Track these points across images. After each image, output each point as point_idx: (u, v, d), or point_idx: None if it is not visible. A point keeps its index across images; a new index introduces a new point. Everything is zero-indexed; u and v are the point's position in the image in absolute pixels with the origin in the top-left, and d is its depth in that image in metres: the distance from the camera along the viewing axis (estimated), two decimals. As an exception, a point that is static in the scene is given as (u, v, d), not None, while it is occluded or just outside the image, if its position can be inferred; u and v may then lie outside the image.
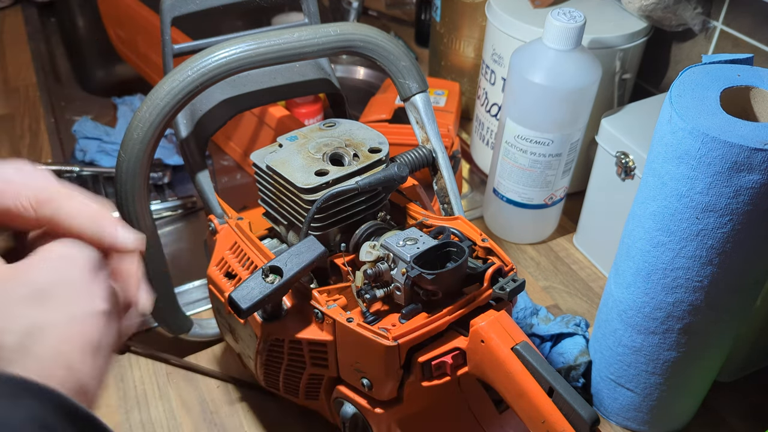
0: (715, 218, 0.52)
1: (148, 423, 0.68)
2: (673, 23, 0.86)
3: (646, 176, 0.57)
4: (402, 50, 0.63)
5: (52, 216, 0.38)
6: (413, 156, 0.62)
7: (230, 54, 0.57)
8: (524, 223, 0.90)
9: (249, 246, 0.57)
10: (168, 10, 0.63)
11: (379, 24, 1.41)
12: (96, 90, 1.26)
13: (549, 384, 0.46)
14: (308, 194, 0.54)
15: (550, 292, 0.85)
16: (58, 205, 0.38)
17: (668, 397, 0.65)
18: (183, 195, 0.97)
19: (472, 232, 0.56)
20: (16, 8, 1.42)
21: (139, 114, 0.56)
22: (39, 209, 0.38)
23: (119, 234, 0.39)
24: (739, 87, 0.54)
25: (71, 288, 0.36)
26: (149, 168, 0.58)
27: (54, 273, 0.36)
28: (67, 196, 0.38)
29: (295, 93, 0.70)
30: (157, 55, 0.96)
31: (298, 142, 0.58)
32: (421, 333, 0.48)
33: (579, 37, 0.75)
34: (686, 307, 0.58)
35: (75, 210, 0.38)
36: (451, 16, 1.06)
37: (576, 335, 0.72)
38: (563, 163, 0.83)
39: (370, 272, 0.51)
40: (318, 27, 0.60)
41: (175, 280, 0.68)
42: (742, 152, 0.48)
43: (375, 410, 0.52)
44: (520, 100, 0.79)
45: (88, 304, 0.36)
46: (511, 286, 0.51)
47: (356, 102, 1.21)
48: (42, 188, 0.38)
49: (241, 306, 0.47)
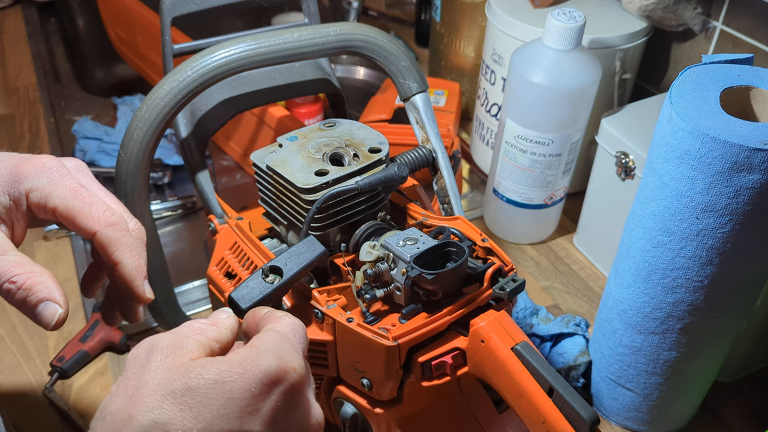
0: (715, 218, 0.52)
1: (148, 423, 0.68)
2: (673, 23, 0.86)
3: (646, 176, 0.57)
4: (402, 50, 0.63)
5: (111, 242, 0.43)
6: (413, 156, 0.62)
7: (230, 54, 0.57)
8: (524, 223, 0.90)
9: (249, 246, 0.57)
10: (168, 10, 0.62)
11: (379, 24, 1.41)
12: (96, 90, 1.26)
13: (549, 384, 0.46)
14: (308, 194, 0.54)
15: (550, 292, 0.85)
16: (121, 233, 0.43)
17: (668, 397, 0.65)
18: (183, 195, 0.97)
19: (472, 232, 0.56)
20: (16, 8, 1.42)
21: (139, 114, 0.56)
22: (106, 226, 0.43)
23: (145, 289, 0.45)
24: (739, 87, 0.54)
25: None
26: (149, 168, 0.58)
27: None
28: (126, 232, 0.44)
29: (295, 93, 0.70)
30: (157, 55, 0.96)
31: (298, 142, 0.58)
32: (421, 333, 0.48)
33: (579, 37, 0.75)
34: (686, 307, 0.58)
35: (128, 250, 0.44)
36: (451, 16, 1.06)
37: (576, 335, 0.72)
38: (563, 163, 0.83)
39: (370, 272, 0.51)
40: (318, 27, 0.60)
41: (175, 280, 0.68)
42: (742, 152, 0.48)
43: (375, 410, 0.52)
44: (520, 100, 0.79)
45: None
46: (511, 286, 0.51)
47: (356, 102, 1.21)
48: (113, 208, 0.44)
49: (241, 306, 0.47)
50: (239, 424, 0.34)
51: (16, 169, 0.43)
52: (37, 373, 0.72)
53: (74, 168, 0.45)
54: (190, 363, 0.35)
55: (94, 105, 1.18)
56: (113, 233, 0.43)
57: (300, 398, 0.38)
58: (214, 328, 0.39)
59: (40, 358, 0.74)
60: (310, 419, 0.38)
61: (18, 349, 0.75)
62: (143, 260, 0.45)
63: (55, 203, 0.42)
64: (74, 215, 0.42)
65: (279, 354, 0.37)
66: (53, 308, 0.41)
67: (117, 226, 0.43)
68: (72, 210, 0.42)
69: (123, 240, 0.43)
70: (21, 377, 0.72)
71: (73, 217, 0.42)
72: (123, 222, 0.44)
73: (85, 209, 0.42)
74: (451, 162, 0.64)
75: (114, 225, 0.43)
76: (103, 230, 0.43)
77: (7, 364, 0.74)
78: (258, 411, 0.35)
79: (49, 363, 0.73)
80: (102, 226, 0.43)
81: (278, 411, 0.36)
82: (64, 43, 1.36)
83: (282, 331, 0.40)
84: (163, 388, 0.34)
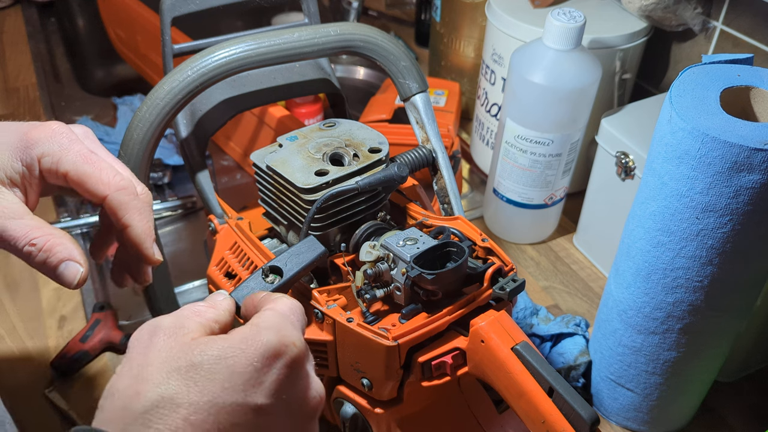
0: (715, 218, 0.52)
1: (148, 423, 0.68)
2: (673, 23, 0.86)
3: (646, 176, 0.57)
4: (402, 50, 0.63)
5: (121, 205, 0.44)
6: (413, 156, 0.62)
7: (230, 54, 0.57)
8: (524, 223, 0.90)
9: (249, 246, 0.57)
10: (168, 10, 0.62)
11: (379, 24, 1.41)
12: (96, 90, 1.26)
13: (549, 384, 0.46)
14: (308, 194, 0.54)
15: (550, 292, 0.85)
16: (130, 196, 0.44)
17: (668, 397, 0.65)
18: (183, 195, 0.97)
19: (472, 232, 0.56)
20: (16, 8, 1.42)
21: (139, 114, 0.56)
22: (114, 195, 0.44)
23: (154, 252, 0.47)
24: (739, 87, 0.54)
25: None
26: (149, 168, 0.58)
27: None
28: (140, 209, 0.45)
29: (295, 93, 0.70)
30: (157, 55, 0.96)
31: (298, 142, 0.58)
32: (421, 333, 0.48)
33: (579, 37, 0.75)
34: (686, 307, 0.58)
35: (137, 213, 0.45)
36: (451, 16, 1.06)
37: (576, 335, 0.72)
38: (563, 163, 0.83)
39: (370, 272, 0.51)
40: (318, 27, 0.60)
41: (175, 280, 0.68)
42: (742, 152, 0.48)
43: (375, 410, 0.52)
44: (520, 100, 0.79)
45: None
46: (511, 286, 0.51)
47: (356, 102, 1.21)
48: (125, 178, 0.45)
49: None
50: (243, 397, 0.35)
51: (27, 136, 0.43)
52: (37, 373, 0.72)
53: (82, 134, 0.46)
54: (192, 342, 0.36)
55: (94, 105, 1.18)
56: (123, 197, 0.44)
57: (300, 372, 0.39)
58: (213, 310, 0.40)
59: (40, 358, 0.74)
60: (310, 392, 0.39)
61: (18, 349, 0.75)
62: (151, 223, 0.46)
63: (66, 168, 0.43)
64: (85, 180, 0.43)
65: (279, 330, 0.38)
66: (75, 267, 0.42)
67: (126, 190, 0.44)
68: (83, 175, 0.43)
69: (132, 203, 0.44)
70: (21, 377, 0.72)
71: (83, 181, 0.43)
72: (132, 186, 0.45)
73: (96, 174, 0.43)
74: (451, 162, 0.64)
75: (123, 189, 0.44)
76: (113, 194, 0.44)
77: (7, 364, 0.74)
78: (261, 384, 0.36)
79: (49, 363, 0.73)
80: (112, 190, 0.44)
81: (281, 383, 0.37)
82: (64, 43, 1.36)
83: (281, 309, 0.41)
84: (168, 366, 0.35)
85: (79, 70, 1.31)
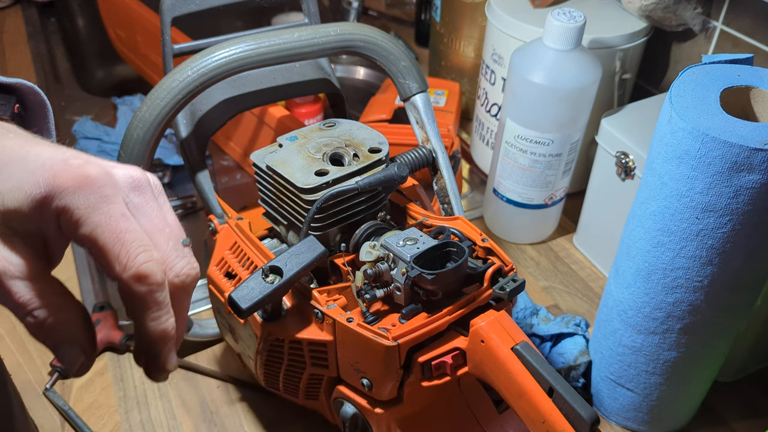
0: (715, 218, 0.52)
1: (148, 423, 0.68)
2: (673, 23, 0.86)
3: (646, 176, 0.57)
4: (402, 50, 0.63)
5: (133, 299, 0.35)
6: (413, 156, 0.62)
7: (230, 54, 0.57)
8: (524, 223, 0.90)
9: (249, 246, 0.57)
10: (168, 10, 0.63)
11: (379, 24, 1.41)
12: (96, 90, 1.26)
13: (549, 384, 0.46)
14: (308, 194, 0.54)
15: (550, 292, 0.85)
16: (149, 287, 0.35)
17: (668, 397, 0.65)
18: (183, 195, 0.97)
19: (472, 232, 0.56)
20: (16, 8, 1.42)
21: (139, 114, 0.56)
22: None
23: None
24: (739, 87, 0.54)
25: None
26: (149, 168, 0.58)
27: None
28: None
29: (295, 93, 0.70)
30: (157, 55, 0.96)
31: (298, 142, 0.58)
32: (421, 333, 0.48)
33: (579, 37, 0.75)
34: (686, 307, 0.58)
35: (154, 311, 0.36)
36: (451, 16, 1.06)
37: (576, 335, 0.72)
38: (563, 163, 0.83)
39: (370, 272, 0.51)
40: (318, 27, 0.60)
41: (175, 280, 0.68)
42: (742, 152, 0.48)
43: (375, 410, 0.52)
44: (520, 100, 0.79)
45: None
46: (511, 286, 0.51)
47: (356, 102, 1.21)
48: None
49: (241, 306, 0.47)
50: None
51: (54, 180, 0.34)
52: (37, 373, 0.72)
53: (128, 185, 0.36)
54: None
55: (94, 105, 1.18)
56: (138, 288, 0.34)
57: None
58: None
59: (40, 358, 0.74)
60: None
61: (18, 349, 0.75)
62: (172, 320, 0.36)
63: (85, 232, 0.34)
64: (101, 253, 0.34)
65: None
66: (74, 355, 0.35)
67: (148, 279, 0.34)
68: (102, 247, 0.34)
69: (149, 298, 0.35)
70: (21, 377, 0.72)
71: (100, 255, 0.34)
72: (158, 271, 0.35)
73: (115, 250, 0.34)
74: (451, 162, 0.64)
75: (143, 278, 0.34)
76: (126, 282, 0.34)
77: (7, 364, 0.73)
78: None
79: (49, 363, 0.73)
80: (126, 276, 0.34)
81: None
82: (64, 43, 1.36)
83: None
84: None
85: (79, 70, 1.31)
